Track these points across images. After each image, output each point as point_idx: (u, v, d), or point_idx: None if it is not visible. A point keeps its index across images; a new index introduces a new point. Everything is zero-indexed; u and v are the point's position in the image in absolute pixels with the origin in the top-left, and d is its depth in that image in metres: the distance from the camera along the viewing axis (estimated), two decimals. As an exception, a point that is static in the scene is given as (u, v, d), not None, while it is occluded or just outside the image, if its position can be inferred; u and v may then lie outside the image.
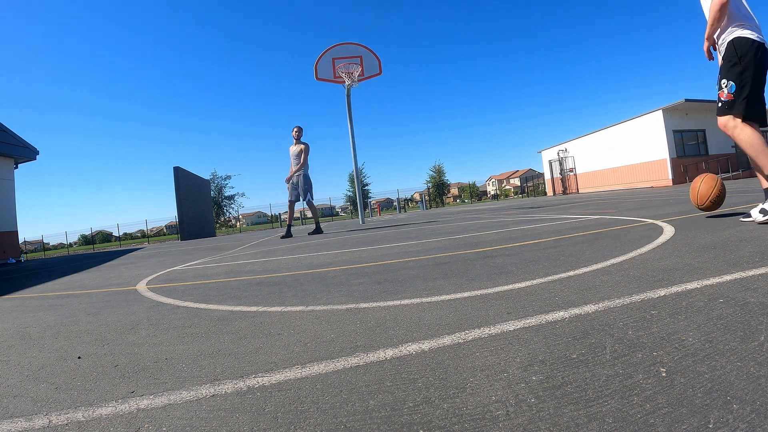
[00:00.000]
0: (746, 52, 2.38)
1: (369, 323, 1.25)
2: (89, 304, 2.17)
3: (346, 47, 9.87)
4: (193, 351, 1.16)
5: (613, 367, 0.77)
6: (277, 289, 2.00)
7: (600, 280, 1.45)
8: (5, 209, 12.61)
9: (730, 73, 2.43)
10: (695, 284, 1.26)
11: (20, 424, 0.80)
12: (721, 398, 0.63)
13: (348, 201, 41.03)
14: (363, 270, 2.32)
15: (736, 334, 0.85)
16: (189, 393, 0.87)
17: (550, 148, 27.79)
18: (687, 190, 9.09)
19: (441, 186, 43.90)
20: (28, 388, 1.00)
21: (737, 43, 2.41)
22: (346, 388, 0.82)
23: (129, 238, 49.82)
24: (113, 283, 3.10)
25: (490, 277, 1.72)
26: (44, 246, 40.58)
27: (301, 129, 7.25)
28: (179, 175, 15.38)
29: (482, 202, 43.90)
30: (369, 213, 28.85)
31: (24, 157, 13.48)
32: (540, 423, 0.62)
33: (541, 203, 11.22)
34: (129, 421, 0.77)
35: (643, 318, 1.02)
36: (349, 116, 10.23)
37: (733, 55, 2.41)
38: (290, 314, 1.47)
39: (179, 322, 1.52)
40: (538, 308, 1.20)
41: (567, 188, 25.67)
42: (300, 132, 7.23)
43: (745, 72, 2.39)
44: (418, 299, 1.47)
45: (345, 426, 0.68)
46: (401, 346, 1.01)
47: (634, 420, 0.60)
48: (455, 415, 0.67)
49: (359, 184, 10.86)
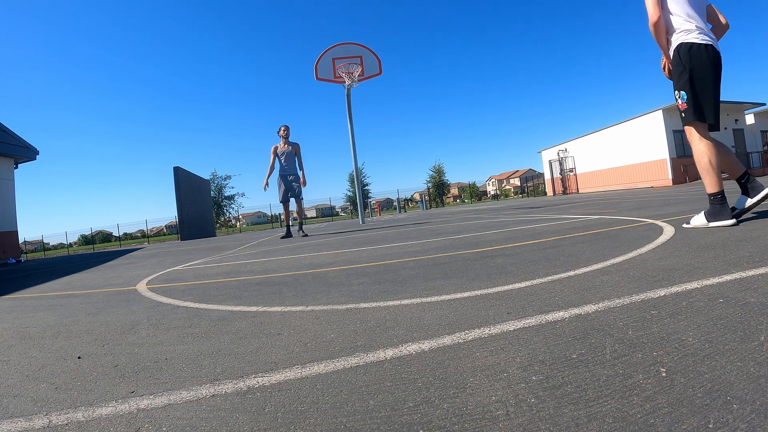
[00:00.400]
0: (690, 57, 2.39)
1: (369, 323, 1.25)
2: (89, 304, 2.17)
3: (346, 47, 9.87)
4: (193, 351, 1.16)
5: (613, 367, 0.77)
6: (277, 289, 2.00)
7: (600, 280, 1.45)
8: (5, 209, 12.61)
9: (680, 82, 2.45)
10: (695, 284, 1.26)
11: (20, 424, 0.80)
12: (721, 398, 0.63)
13: (348, 201, 41.03)
14: (363, 270, 2.32)
15: (736, 334, 0.85)
16: (189, 393, 0.87)
17: (550, 148, 27.79)
18: (687, 190, 9.09)
19: (441, 186, 43.89)
20: (28, 388, 1.00)
21: (681, 50, 2.42)
22: (346, 388, 0.82)
23: (129, 238, 49.81)
24: (113, 283, 3.10)
25: (490, 277, 1.72)
26: (44, 246, 40.58)
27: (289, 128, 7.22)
28: (179, 175, 15.38)
29: (482, 202, 43.90)
30: (369, 213, 28.85)
31: (24, 157, 13.48)
32: (540, 423, 0.62)
33: (541, 203, 11.22)
34: (129, 421, 0.77)
35: (643, 318, 1.02)
36: (349, 116, 10.23)
37: (678, 63, 2.43)
38: (290, 314, 1.47)
39: (179, 322, 1.52)
40: (538, 308, 1.20)
41: (567, 188, 25.67)
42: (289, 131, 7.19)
43: (693, 78, 2.40)
44: (418, 299, 1.47)
45: (345, 426, 0.68)
46: (401, 346, 1.01)
47: (634, 420, 0.60)
48: (455, 415, 0.67)
49: (359, 184, 10.86)
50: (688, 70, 2.40)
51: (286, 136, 7.13)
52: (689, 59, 2.39)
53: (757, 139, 22.77)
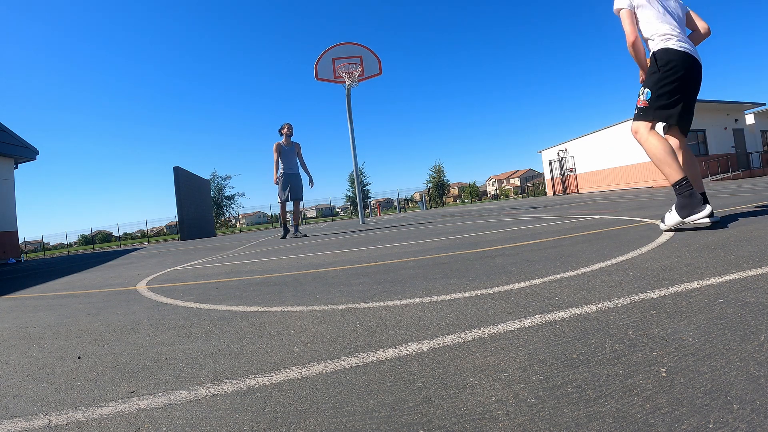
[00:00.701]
0: (667, 62, 2.40)
1: (369, 323, 1.25)
2: (89, 304, 2.17)
3: (346, 47, 9.87)
4: (193, 351, 1.16)
5: (613, 367, 0.77)
6: (277, 289, 2.00)
7: (600, 280, 1.45)
8: (5, 209, 12.61)
9: (648, 81, 2.47)
10: (695, 284, 1.26)
11: (20, 424, 0.80)
12: (721, 398, 0.63)
13: (348, 201, 41.03)
14: (363, 270, 2.32)
15: (736, 334, 0.85)
16: (189, 393, 0.87)
17: (550, 148, 27.79)
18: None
19: (441, 186, 43.89)
20: (28, 388, 1.00)
21: (659, 54, 2.44)
22: (346, 388, 0.82)
23: (129, 238, 49.82)
24: (113, 283, 3.10)
25: (490, 277, 1.72)
26: (44, 246, 40.59)
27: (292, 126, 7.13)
28: (179, 175, 15.38)
29: (482, 202, 43.89)
30: (369, 213, 28.85)
31: (24, 157, 13.48)
32: (540, 423, 0.62)
33: (541, 203, 11.22)
34: (129, 421, 0.77)
35: (643, 318, 1.02)
36: (349, 116, 10.23)
37: (653, 65, 2.45)
38: (290, 314, 1.47)
39: (179, 322, 1.52)
40: (538, 308, 1.20)
41: (567, 188, 25.67)
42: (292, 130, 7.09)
43: (663, 81, 2.41)
44: (418, 299, 1.47)
45: (345, 426, 0.68)
46: (401, 346, 1.01)
47: (634, 420, 0.60)
48: (455, 415, 0.67)
49: (359, 184, 10.86)
50: (660, 71, 2.42)
51: (290, 135, 7.01)
52: (665, 63, 2.41)
53: (757, 139, 22.78)
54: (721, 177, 18.73)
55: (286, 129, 7.02)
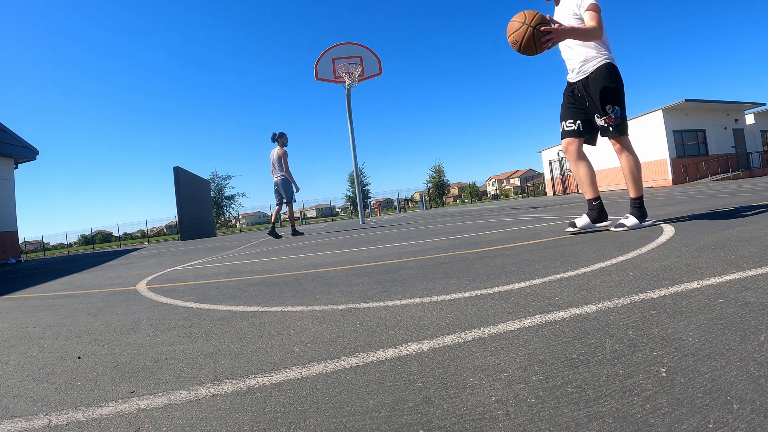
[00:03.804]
0: (619, 78, 2.69)
1: (369, 323, 1.25)
2: (89, 304, 2.17)
3: (346, 47, 9.88)
4: (193, 351, 1.16)
5: (613, 367, 0.77)
6: (277, 289, 2.00)
7: (600, 280, 1.45)
8: (5, 209, 12.61)
9: (614, 98, 2.68)
10: (695, 284, 1.26)
11: (20, 424, 0.80)
12: (721, 398, 0.63)
13: (348, 201, 41.01)
14: (363, 270, 2.32)
15: (736, 334, 0.85)
16: (189, 393, 0.87)
17: (550, 148, 27.78)
18: (687, 190, 9.09)
19: (441, 186, 43.88)
20: (28, 388, 1.00)
21: (612, 68, 2.67)
22: (346, 388, 0.82)
23: (129, 238, 49.80)
24: (113, 283, 3.10)
25: (490, 277, 1.72)
26: (44, 246, 40.58)
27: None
28: (179, 175, 15.38)
29: (482, 202, 43.88)
30: (369, 213, 28.85)
31: (24, 157, 13.47)
32: (540, 423, 0.62)
33: (541, 203, 11.22)
34: (129, 421, 0.77)
35: (643, 318, 1.02)
36: (349, 116, 10.24)
37: (612, 79, 2.66)
38: (290, 314, 1.47)
39: (179, 322, 1.52)
40: (538, 308, 1.20)
41: (567, 188, 25.66)
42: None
43: (621, 95, 2.70)
44: (418, 299, 1.47)
45: (345, 426, 0.68)
46: (401, 346, 1.01)
47: (634, 420, 0.60)
48: (455, 415, 0.67)
49: (359, 184, 10.86)
50: (618, 85, 2.68)
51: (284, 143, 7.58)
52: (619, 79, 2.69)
53: (757, 139, 22.78)
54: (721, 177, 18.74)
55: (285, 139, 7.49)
